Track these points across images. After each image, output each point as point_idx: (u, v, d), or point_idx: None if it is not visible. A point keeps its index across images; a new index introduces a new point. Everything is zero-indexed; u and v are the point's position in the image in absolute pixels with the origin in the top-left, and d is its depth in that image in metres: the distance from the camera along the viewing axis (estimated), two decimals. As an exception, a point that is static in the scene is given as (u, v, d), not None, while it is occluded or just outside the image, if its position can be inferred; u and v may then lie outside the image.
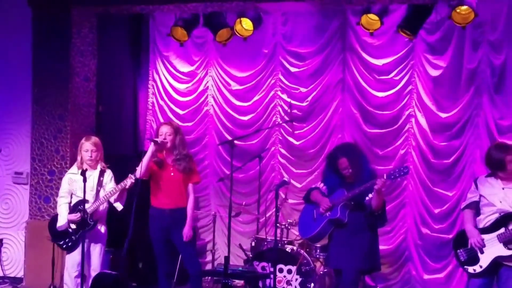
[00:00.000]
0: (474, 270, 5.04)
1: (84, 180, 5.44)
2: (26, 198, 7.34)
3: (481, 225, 5.11)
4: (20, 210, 7.43)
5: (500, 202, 5.01)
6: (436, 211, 7.03)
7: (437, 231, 7.01)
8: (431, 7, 6.41)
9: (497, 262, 4.98)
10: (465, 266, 5.11)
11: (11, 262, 7.47)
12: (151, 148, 5.59)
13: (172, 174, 5.67)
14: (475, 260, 5.04)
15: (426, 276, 7.05)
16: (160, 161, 5.67)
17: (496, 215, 5.02)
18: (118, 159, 5.92)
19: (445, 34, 6.93)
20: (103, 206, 5.71)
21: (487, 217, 5.07)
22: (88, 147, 5.74)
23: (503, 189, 5.05)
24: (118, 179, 5.80)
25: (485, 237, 5.01)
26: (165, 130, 5.70)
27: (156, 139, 5.61)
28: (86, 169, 5.63)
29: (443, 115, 7.02)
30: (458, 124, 6.96)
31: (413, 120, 7.16)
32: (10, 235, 7.48)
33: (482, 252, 5.01)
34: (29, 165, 7.30)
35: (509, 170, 5.06)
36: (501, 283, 5.02)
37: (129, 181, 5.58)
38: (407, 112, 7.18)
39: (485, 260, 5.00)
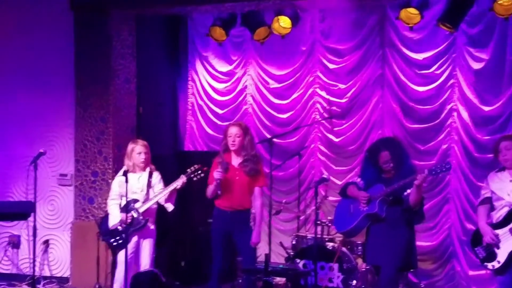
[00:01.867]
0: (493, 266, 5.02)
1: (126, 181, 5.55)
2: (71, 199, 7.46)
3: (494, 220, 5.08)
4: (65, 211, 7.54)
5: (508, 195, 4.97)
6: (481, 206, 6.89)
7: (481, 227, 6.86)
8: (472, -1, 6.30)
9: None
10: (485, 263, 5.09)
11: (58, 262, 7.60)
12: (217, 175, 5.48)
13: (237, 177, 5.61)
14: (493, 256, 5.01)
15: (471, 272, 6.92)
16: (226, 165, 5.57)
17: (506, 209, 4.97)
18: (158, 159, 5.97)
19: (487, 26, 6.79)
20: (153, 206, 5.79)
21: (498, 212, 5.05)
22: (140, 149, 5.87)
23: (510, 181, 4.98)
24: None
25: (499, 232, 4.98)
26: (234, 131, 5.62)
27: (225, 164, 5.51)
28: (128, 170, 5.73)
29: (486, 108, 6.88)
30: (501, 117, 6.81)
31: (455, 114, 7.05)
32: (56, 236, 7.61)
33: (498, 248, 4.98)
34: (73, 167, 7.42)
35: (501, 159, 5.04)
36: None
37: (180, 182, 5.65)
38: (449, 106, 7.07)
39: (502, 255, 4.96)
